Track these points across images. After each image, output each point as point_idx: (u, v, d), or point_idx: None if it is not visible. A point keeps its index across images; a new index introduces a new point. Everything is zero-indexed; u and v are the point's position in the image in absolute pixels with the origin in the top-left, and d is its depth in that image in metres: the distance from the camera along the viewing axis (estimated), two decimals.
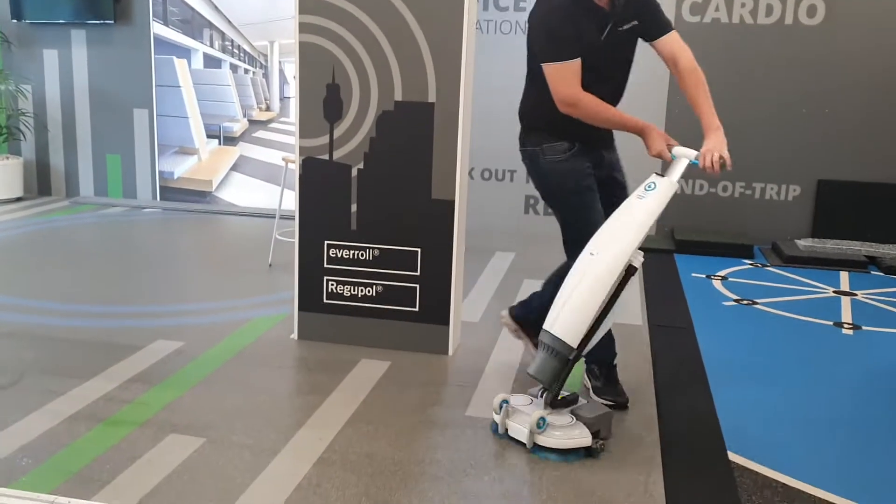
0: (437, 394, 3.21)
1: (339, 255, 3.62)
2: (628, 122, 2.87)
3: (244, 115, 6.67)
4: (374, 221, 3.56)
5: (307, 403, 3.07)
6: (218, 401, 3.08)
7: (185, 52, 6.62)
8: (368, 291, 3.62)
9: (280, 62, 6.53)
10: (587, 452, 2.69)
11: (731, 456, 2.75)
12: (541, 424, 2.68)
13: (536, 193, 3.28)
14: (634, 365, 3.56)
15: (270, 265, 5.00)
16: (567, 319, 2.65)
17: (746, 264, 5.58)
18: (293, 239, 3.71)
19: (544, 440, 2.68)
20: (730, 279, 5.15)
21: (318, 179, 3.58)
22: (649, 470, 2.64)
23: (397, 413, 3.01)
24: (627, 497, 2.47)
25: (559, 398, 2.76)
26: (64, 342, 3.64)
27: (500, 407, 2.80)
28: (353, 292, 3.64)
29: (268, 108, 6.62)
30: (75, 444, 2.70)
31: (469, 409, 3.08)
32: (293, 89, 6.57)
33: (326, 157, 3.56)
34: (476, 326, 4.02)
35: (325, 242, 3.63)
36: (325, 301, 3.69)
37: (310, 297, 3.70)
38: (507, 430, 2.79)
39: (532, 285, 4.74)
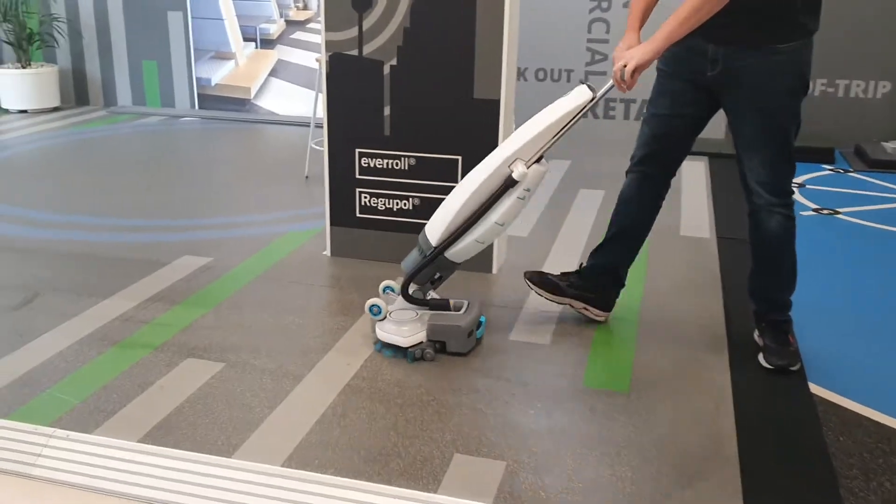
0: (483, 312, 2.92)
1: (372, 165, 3.30)
2: None
3: (281, 16, 6.29)
4: (410, 126, 3.21)
5: (336, 325, 2.81)
6: (242, 322, 2.84)
7: None
8: (404, 204, 3.30)
9: None
10: (402, 353, 2.58)
11: (813, 388, 2.41)
12: (374, 310, 2.63)
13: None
14: (701, 281, 3.20)
15: (307, 177, 4.72)
16: (436, 217, 2.59)
17: (826, 170, 5.09)
18: (322, 148, 3.40)
19: (377, 331, 2.63)
20: (808, 186, 4.69)
21: (347, 79, 3.23)
22: (718, 401, 2.33)
23: None
24: (693, 427, 2.16)
25: (431, 299, 2.68)
26: (85, 258, 3.44)
27: (383, 291, 2.79)
28: (387, 205, 3.33)
29: (305, 7, 6.22)
30: (82, 369, 2.49)
31: (513, 332, 2.78)
32: None
33: (355, 52, 3.19)
34: (524, 242, 3.69)
35: (357, 151, 3.31)
36: (357, 215, 3.39)
37: (342, 211, 3.40)
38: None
39: (588, 196, 4.37)
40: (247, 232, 3.80)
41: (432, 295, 2.73)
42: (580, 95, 2.46)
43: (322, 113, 3.35)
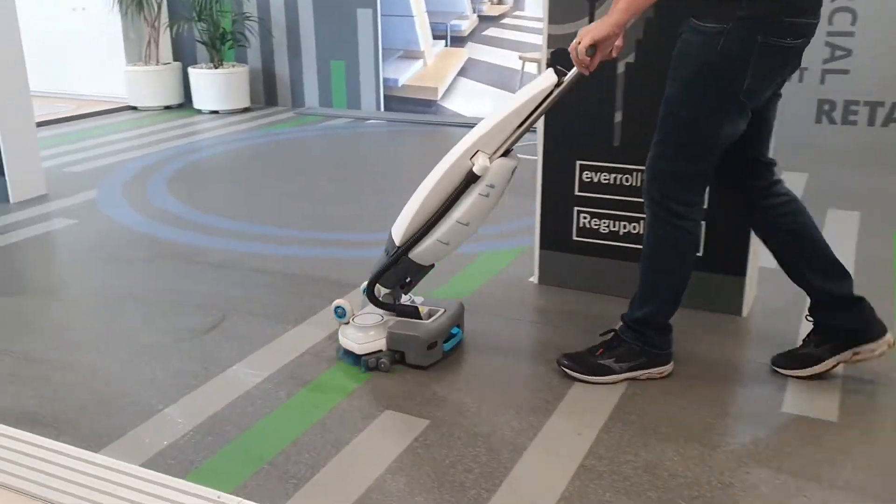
0: (734, 373, 2.36)
1: (596, 180, 2.80)
2: None
3: (474, 11, 5.91)
4: (646, 135, 2.69)
5: (556, 378, 2.35)
6: (443, 364, 2.43)
7: None
8: (633, 227, 2.79)
9: None
10: (356, 360, 2.41)
11: None
12: (338, 312, 2.48)
13: (831, 96, 2.22)
14: None
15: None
16: (401, 214, 2.41)
17: None
18: (535, 156, 2.94)
19: (339, 336, 2.48)
20: None
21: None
22: None
23: (683, 400, 2.20)
24: None
25: (398, 304, 2.50)
26: (274, 275, 3.17)
27: (335, 311, 2.51)
28: (611, 228, 2.83)
29: (500, 1, 5.81)
30: (270, 417, 2.16)
31: (786, 400, 2.20)
32: None
33: None
34: (774, 275, 3.07)
35: (578, 163, 2.83)
36: (574, 238, 2.91)
37: (555, 233, 2.94)
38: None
39: (841, 218, 3.66)
40: None
41: (412, 300, 2.54)
42: (545, 80, 2.22)
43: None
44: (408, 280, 2.53)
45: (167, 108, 6.87)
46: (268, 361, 2.46)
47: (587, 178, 2.82)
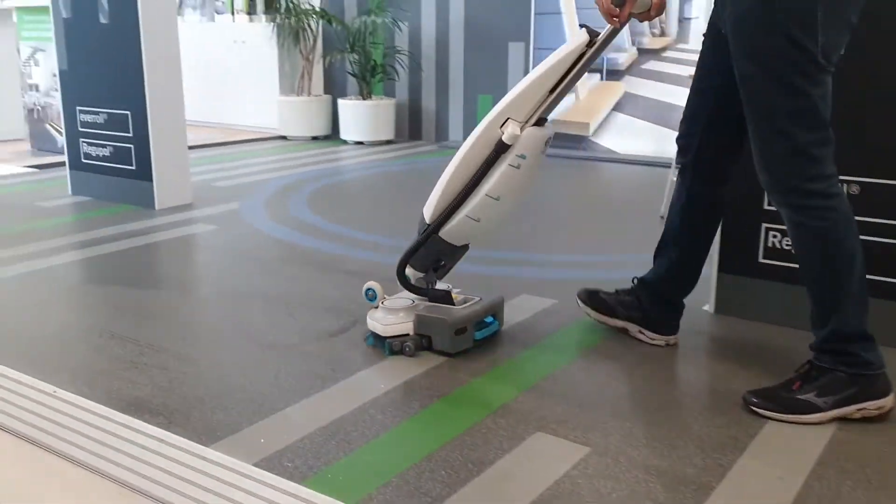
0: None
1: None
2: None
3: (633, 44, 5.60)
4: (853, 141, 2.27)
5: (743, 413, 1.93)
6: (604, 388, 2.08)
7: None
8: None
9: None
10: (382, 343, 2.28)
11: None
12: (368, 294, 2.37)
13: None
14: None
15: (662, 216, 3.90)
16: (433, 193, 2.28)
17: None
18: None
19: (367, 319, 2.35)
20: None
21: None
22: None
23: None
24: None
25: (430, 289, 2.35)
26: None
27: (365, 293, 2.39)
28: None
29: (662, 34, 5.48)
30: (401, 426, 1.86)
31: None
32: (696, 8, 5.34)
33: None
34: None
35: None
36: (760, 261, 2.50)
37: (736, 255, 2.53)
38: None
39: None
40: (596, 274, 3.06)
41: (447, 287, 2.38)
42: (577, 39, 2.05)
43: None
44: (441, 263, 2.37)
45: (314, 138, 6.89)
46: (400, 370, 2.18)
47: None
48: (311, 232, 3.69)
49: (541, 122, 2.15)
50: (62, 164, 4.83)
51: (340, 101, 6.68)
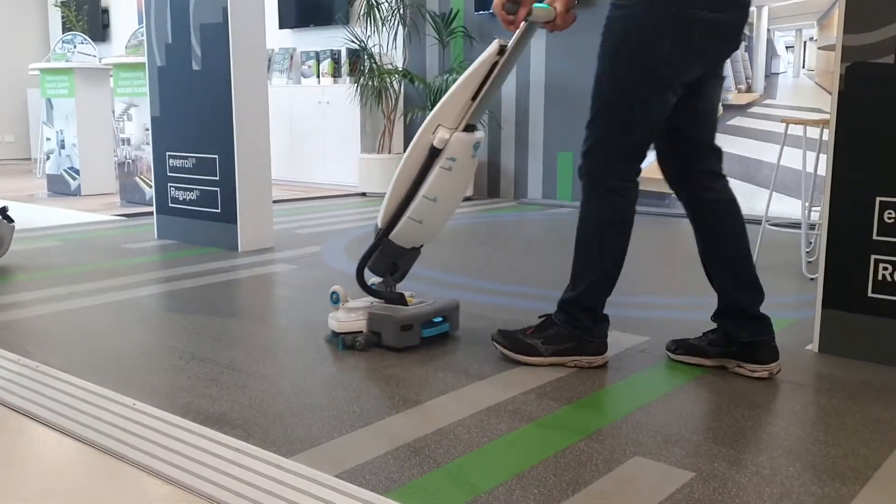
0: None
1: None
2: None
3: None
4: None
5: (861, 445, 1.76)
6: (703, 417, 1.93)
7: None
8: None
9: (769, 30, 5.24)
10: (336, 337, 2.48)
11: None
12: (333, 297, 2.53)
13: None
14: None
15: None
16: (383, 202, 2.47)
17: None
18: (790, 228, 2.43)
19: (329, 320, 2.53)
20: None
21: (873, 99, 2.27)
22: None
23: None
24: None
25: (386, 291, 2.56)
26: (494, 321, 2.82)
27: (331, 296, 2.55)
28: None
29: (748, 89, 5.37)
30: (489, 446, 1.76)
31: None
32: (784, 63, 5.23)
33: (892, 59, 2.23)
34: None
35: (878, 200, 2.29)
36: (870, 295, 2.33)
37: (843, 289, 2.37)
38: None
39: None
40: (689, 315, 2.92)
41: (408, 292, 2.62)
42: (489, 49, 2.30)
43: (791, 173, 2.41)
44: (396, 267, 2.55)
45: None
46: (486, 394, 2.08)
47: (890, 218, 2.27)
48: None
49: (469, 128, 2.36)
50: (149, 213, 4.95)
51: None
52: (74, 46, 6.68)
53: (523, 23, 2.20)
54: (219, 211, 4.24)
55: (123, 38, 9.29)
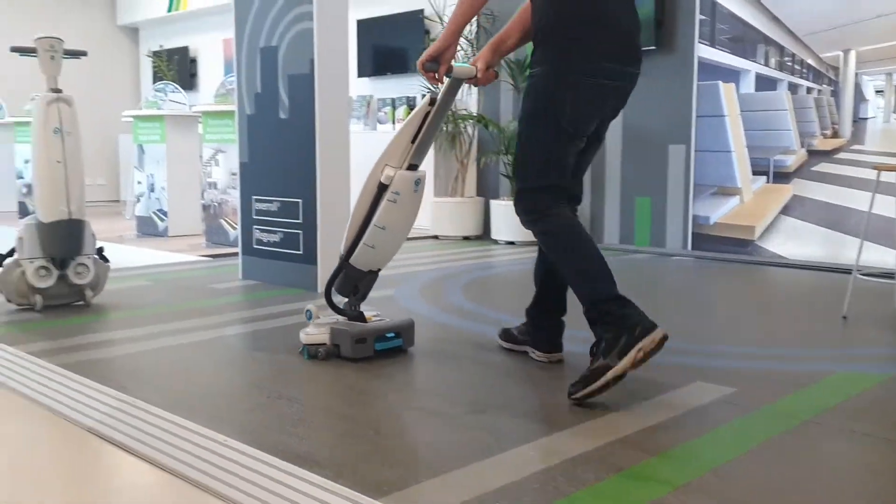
0: None
1: None
2: None
3: (802, 146, 5.40)
4: None
5: None
6: (801, 476, 1.87)
7: (732, 75, 5.65)
8: None
9: (856, 75, 5.14)
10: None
11: None
12: (308, 315, 2.86)
13: None
14: None
15: (845, 317, 3.61)
16: (345, 231, 2.86)
17: None
18: (882, 279, 2.36)
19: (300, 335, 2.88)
20: None
21: None
22: None
23: None
24: None
25: (350, 310, 2.89)
26: (578, 371, 2.80)
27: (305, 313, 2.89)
28: None
29: (835, 135, 5.25)
30: (575, 496, 1.74)
31: None
32: (874, 108, 5.12)
33: None
34: None
35: None
36: None
37: None
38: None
39: None
40: (777, 366, 2.85)
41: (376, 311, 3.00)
42: (423, 100, 2.72)
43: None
44: (357, 288, 2.90)
45: (466, 238, 6.99)
46: (570, 444, 2.07)
47: None
48: (466, 315, 3.67)
49: (412, 167, 2.77)
50: (233, 254, 5.10)
51: (493, 203, 6.79)
52: (166, 95, 6.99)
53: (446, 78, 2.61)
54: (301, 252, 4.34)
55: (210, 86, 9.68)
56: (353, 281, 2.90)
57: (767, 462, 1.96)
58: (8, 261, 3.68)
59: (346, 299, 2.93)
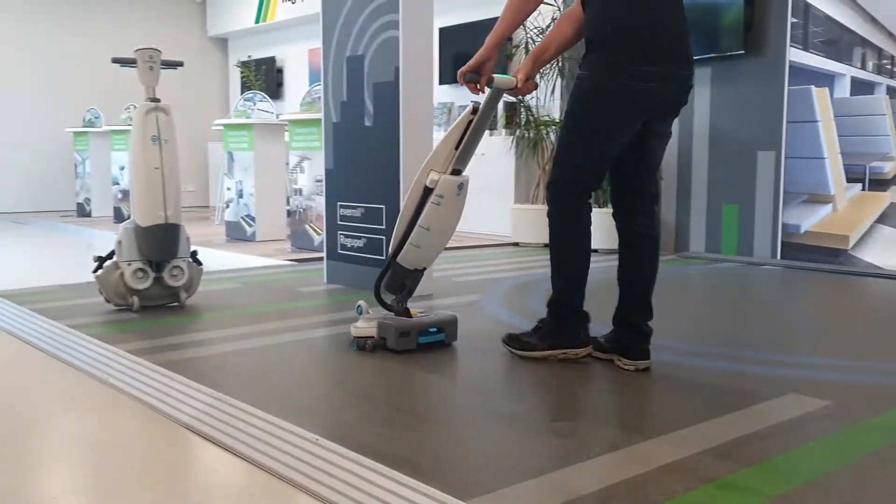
0: None
1: None
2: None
3: None
4: None
5: None
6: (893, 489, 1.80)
7: (826, 80, 5.47)
8: None
9: None
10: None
11: None
12: (358, 309, 3.05)
13: None
14: None
15: None
16: (394, 231, 3.02)
17: None
18: None
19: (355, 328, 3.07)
20: None
21: None
22: None
23: None
24: None
25: (396, 306, 3.08)
26: (672, 380, 2.76)
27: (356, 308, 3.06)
28: None
29: None
30: (672, 502, 1.72)
31: None
32: None
33: None
34: None
35: None
36: None
37: None
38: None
39: None
40: (873, 379, 2.74)
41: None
42: (467, 109, 2.88)
43: None
44: (404, 285, 3.08)
45: (547, 245, 6.95)
46: (659, 452, 2.04)
47: None
48: None
49: (456, 172, 2.92)
50: (318, 259, 5.21)
51: None
52: (254, 104, 7.19)
53: (487, 89, 2.77)
54: (384, 258, 4.40)
55: (295, 95, 9.92)
56: (400, 278, 3.07)
57: (867, 476, 1.89)
58: (107, 263, 3.84)
59: (394, 296, 3.11)
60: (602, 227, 3.43)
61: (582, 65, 2.71)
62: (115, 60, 3.99)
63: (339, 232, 4.73)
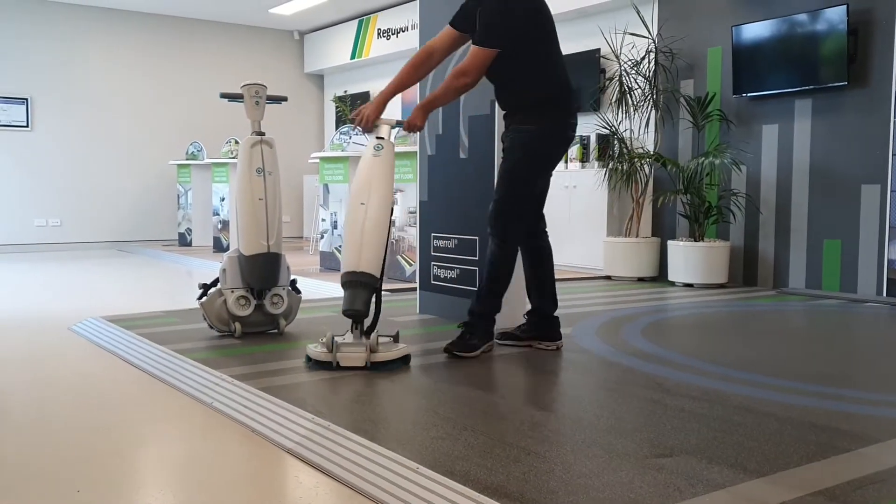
0: None
1: None
2: None
3: None
4: None
5: None
6: None
7: None
8: None
9: None
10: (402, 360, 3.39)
11: None
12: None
13: None
14: None
15: None
16: (368, 257, 3.33)
17: None
18: None
19: (381, 356, 3.32)
20: None
21: None
22: None
23: None
24: None
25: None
26: (777, 419, 2.68)
27: (332, 343, 3.28)
28: None
29: None
30: None
31: None
32: None
33: None
34: None
35: None
36: None
37: None
38: (338, 362, 3.28)
39: None
40: None
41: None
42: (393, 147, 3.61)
43: None
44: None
45: (640, 279, 6.86)
46: (768, 493, 1.98)
47: None
48: (649, 358, 3.59)
49: None
50: (410, 289, 5.27)
51: (670, 243, 6.63)
52: (350, 137, 7.38)
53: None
54: (476, 289, 4.42)
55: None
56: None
57: None
58: (211, 290, 3.99)
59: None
60: (696, 261, 3.37)
61: (524, 121, 3.48)
62: (223, 95, 4.17)
63: (433, 263, 4.79)
